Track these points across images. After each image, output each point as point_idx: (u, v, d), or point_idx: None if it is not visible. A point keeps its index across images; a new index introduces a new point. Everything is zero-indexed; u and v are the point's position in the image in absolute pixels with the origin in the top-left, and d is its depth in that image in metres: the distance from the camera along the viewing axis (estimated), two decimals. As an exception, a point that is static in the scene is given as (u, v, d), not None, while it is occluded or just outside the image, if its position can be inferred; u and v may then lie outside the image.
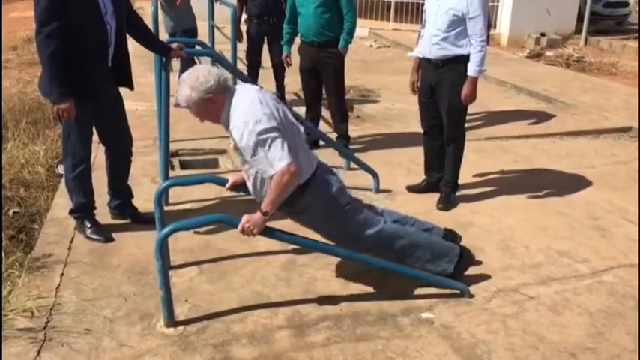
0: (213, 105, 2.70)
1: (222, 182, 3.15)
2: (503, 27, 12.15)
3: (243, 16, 6.53)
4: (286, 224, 3.55)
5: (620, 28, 14.07)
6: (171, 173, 4.37)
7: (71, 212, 3.59)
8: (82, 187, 3.51)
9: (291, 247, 3.37)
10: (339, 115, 5.22)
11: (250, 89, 2.80)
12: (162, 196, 3.15)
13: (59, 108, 3.20)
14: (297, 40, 5.20)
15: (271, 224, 2.83)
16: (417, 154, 4.60)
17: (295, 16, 5.00)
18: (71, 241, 3.51)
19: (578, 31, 12.76)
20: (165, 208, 3.51)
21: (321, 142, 5.12)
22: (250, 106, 2.64)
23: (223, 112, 2.72)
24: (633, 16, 15.14)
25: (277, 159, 2.61)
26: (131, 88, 3.60)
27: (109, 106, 3.48)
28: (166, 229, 2.68)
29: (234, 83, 5.30)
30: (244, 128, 2.60)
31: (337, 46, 4.90)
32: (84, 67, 3.22)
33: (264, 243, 3.36)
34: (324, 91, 5.24)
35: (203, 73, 2.69)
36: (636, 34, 13.12)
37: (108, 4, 3.24)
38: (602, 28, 13.38)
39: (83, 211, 3.56)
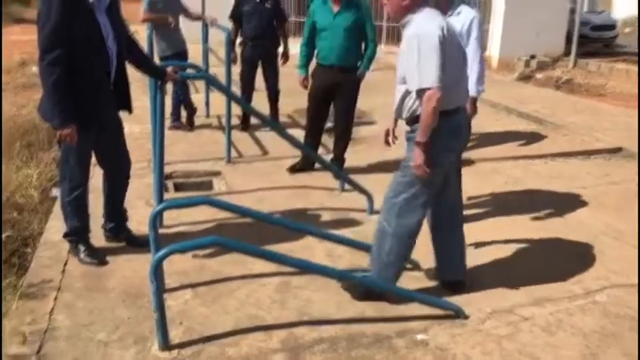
0: (402, 0, 2.88)
1: (216, 204, 3.15)
2: (493, 49, 12.32)
3: (238, 39, 6.60)
4: (282, 247, 3.56)
5: (608, 50, 14.30)
6: (166, 195, 4.37)
7: (65, 235, 3.58)
8: (77, 211, 3.50)
9: (286, 268, 3.36)
10: (342, 140, 5.20)
11: (436, 15, 2.92)
12: (156, 219, 3.14)
13: (61, 134, 3.21)
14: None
15: (267, 245, 2.84)
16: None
17: (313, 38, 4.97)
18: (65, 265, 3.50)
19: (567, 53, 12.95)
20: (160, 231, 3.50)
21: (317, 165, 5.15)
22: (427, 23, 2.83)
23: (406, 15, 2.90)
24: (621, 38, 15.41)
25: (427, 76, 2.76)
26: (130, 111, 3.63)
27: (109, 130, 3.50)
28: (161, 252, 2.67)
29: (229, 106, 5.38)
30: (413, 37, 2.81)
31: (355, 71, 4.93)
32: (87, 93, 3.24)
33: (259, 265, 3.37)
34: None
35: None
36: (624, 57, 13.33)
37: (109, 29, 3.28)
38: (591, 50, 13.59)
39: (78, 234, 3.55)
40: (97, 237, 3.72)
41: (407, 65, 2.87)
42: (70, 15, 3.06)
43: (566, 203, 4.73)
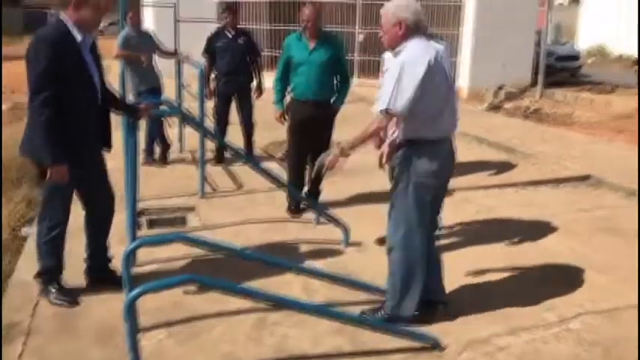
0: (399, 30, 3.02)
1: (190, 241, 3.13)
2: (462, 80, 12.60)
3: (212, 74, 6.64)
4: (258, 282, 3.54)
5: (573, 80, 14.74)
6: (139, 232, 4.32)
7: (37, 275, 3.51)
8: (53, 251, 3.45)
9: (262, 304, 3.34)
10: (317, 182, 5.14)
11: (430, 45, 3.06)
12: (130, 257, 3.11)
13: (53, 171, 3.18)
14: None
15: (242, 280, 2.82)
16: (386, 205, 4.66)
17: (288, 73, 4.96)
18: (35, 306, 3.42)
19: (534, 83, 13.30)
20: (134, 269, 3.46)
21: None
22: (417, 52, 2.98)
23: (401, 44, 3.05)
24: (585, 68, 15.95)
25: (395, 100, 2.89)
26: (109, 148, 3.63)
27: (95, 166, 3.51)
28: (134, 292, 2.62)
29: (202, 140, 5.39)
30: (399, 63, 2.95)
31: (330, 105, 4.97)
32: (76, 130, 3.25)
33: (235, 301, 3.32)
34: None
35: (412, 6, 3.05)
36: (589, 86, 13.76)
37: (93, 66, 3.33)
38: (557, 80, 13.99)
39: (50, 274, 3.48)
40: (75, 275, 3.64)
41: (384, 86, 3.00)
42: (59, 56, 3.11)
43: (537, 231, 4.80)
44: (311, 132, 5.04)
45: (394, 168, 3.22)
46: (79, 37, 3.21)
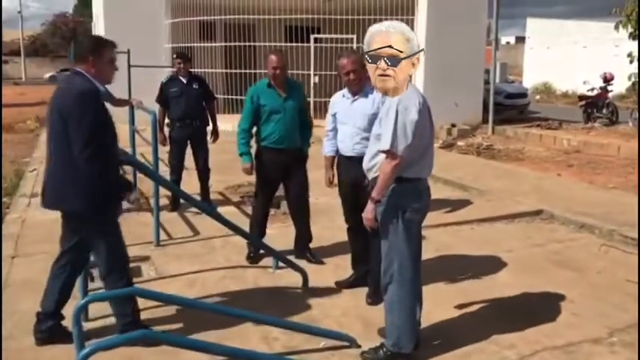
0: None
1: (143, 294, 3.04)
2: (416, 119, 12.87)
3: (166, 120, 6.59)
4: (216, 333, 3.44)
5: (522, 116, 15.30)
6: (91, 285, 4.16)
7: (126, 329, 3.34)
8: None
9: (219, 358, 3.24)
10: (305, 220, 5.03)
11: (417, 91, 3.24)
12: (80, 313, 2.98)
13: (118, 208, 3.39)
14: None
15: (200, 331, 2.74)
16: (344, 248, 4.66)
17: (254, 124, 4.86)
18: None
19: (485, 120, 13.72)
20: (86, 325, 3.33)
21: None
22: (410, 96, 3.15)
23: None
24: (532, 105, 16.58)
25: (393, 140, 3.05)
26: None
27: None
28: (85, 351, 2.51)
29: (157, 187, 5.30)
30: (396, 105, 3.08)
31: (301, 150, 4.93)
32: (114, 173, 3.39)
33: (192, 355, 3.23)
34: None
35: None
36: (537, 122, 14.27)
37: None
38: (507, 117, 14.47)
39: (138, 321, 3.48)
40: (17, 334, 3.47)
41: (384, 127, 3.12)
42: (100, 104, 3.25)
43: (494, 268, 4.86)
44: (283, 180, 4.98)
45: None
46: (102, 88, 3.35)
